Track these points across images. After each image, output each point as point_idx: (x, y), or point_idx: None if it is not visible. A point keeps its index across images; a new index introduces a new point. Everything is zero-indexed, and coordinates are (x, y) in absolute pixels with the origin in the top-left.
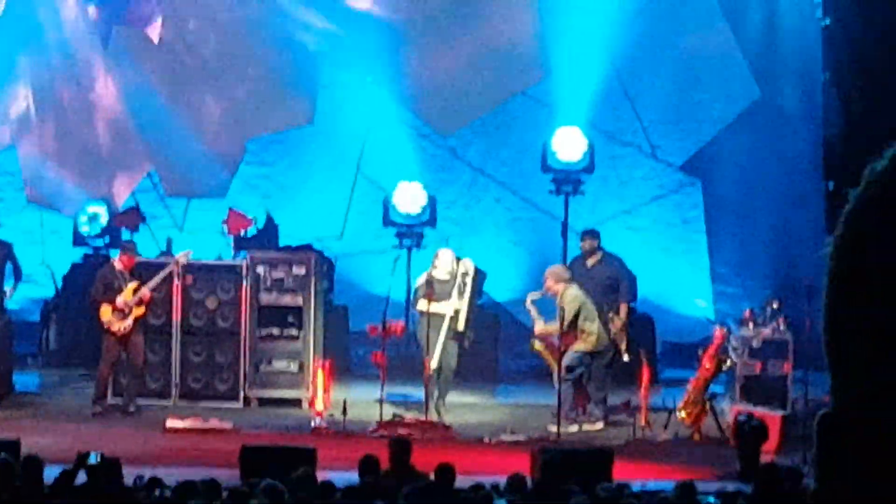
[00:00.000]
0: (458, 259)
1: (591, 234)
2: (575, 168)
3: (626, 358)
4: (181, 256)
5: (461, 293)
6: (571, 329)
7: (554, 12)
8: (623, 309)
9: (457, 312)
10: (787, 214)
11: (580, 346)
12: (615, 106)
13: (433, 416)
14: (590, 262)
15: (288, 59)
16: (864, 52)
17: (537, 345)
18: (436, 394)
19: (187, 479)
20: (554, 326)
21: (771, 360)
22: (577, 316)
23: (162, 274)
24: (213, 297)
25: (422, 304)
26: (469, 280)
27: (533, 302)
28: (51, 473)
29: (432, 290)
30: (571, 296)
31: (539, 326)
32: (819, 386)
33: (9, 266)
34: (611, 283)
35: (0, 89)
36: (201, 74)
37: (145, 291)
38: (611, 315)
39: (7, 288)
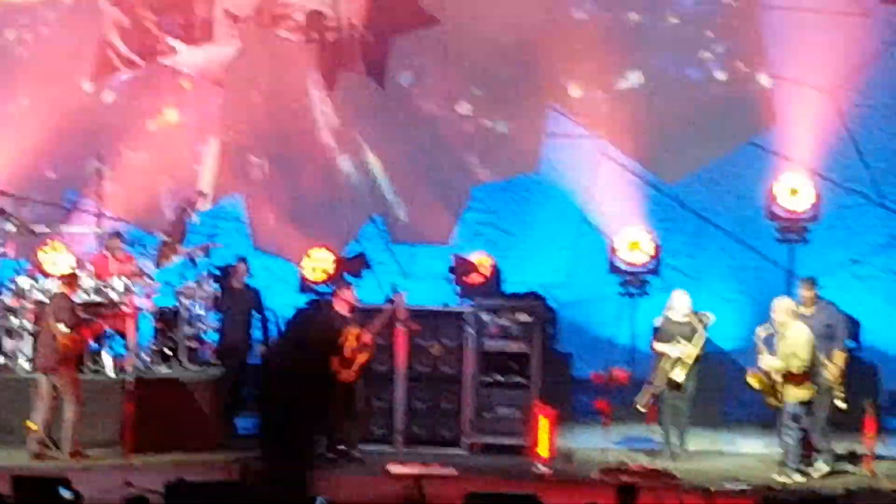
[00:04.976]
0: (698, 312)
1: (809, 281)
2: (801, 216)
3: (842, 406)
4: (396, 298)
5: (690, 341)
6: (803, 372)
7: (784, 61)
8: (840, 356)
9: (680, 359)
10: None
11: (801, 393)
12: (842, 154)
13: (661, 463)
14: (807, 310)
15: (514, 106)
16: None
17: (754, 380)
18: (671, 438)
19: None
20: (779, 363)
21: None
22: (811, 358)
23: (382, 317)
24: (437, 344)
25: (655, 345)
26: (702, 332)
27: (763, 337)
28: None
29: (660, 334)
30: (806, 335)
31: (765, 360)
32: None
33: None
34: (828, 332)
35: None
36: (426, 122)
37: (367, 337)
38: (824, 362)
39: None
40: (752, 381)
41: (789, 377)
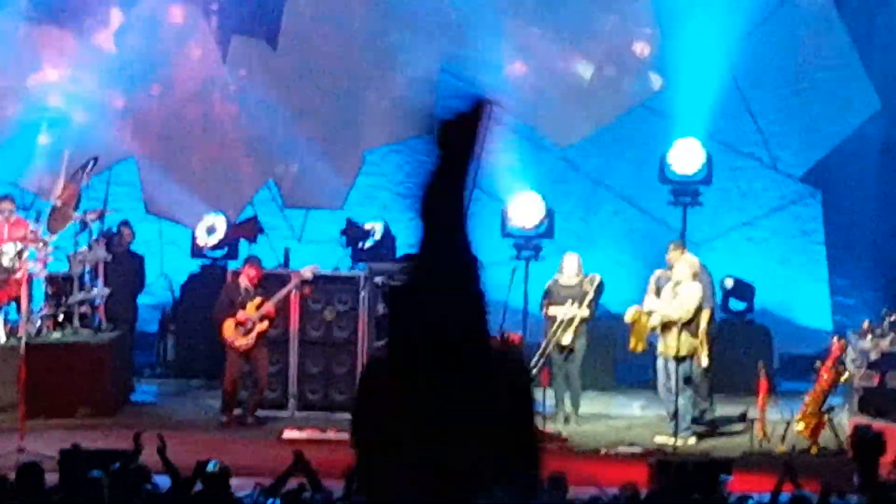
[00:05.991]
0: (587, 275)
1: (677, 243)
2: (693, 179)
3: (704, 363)
4: (307, 271)
5: (580, 304)
6: (684, 325)
7: (673, 23)
8: (704, 315)
9: (569, 321)
10: None
11: (681, 345)
12: (735, 117)
13: (554, 426)
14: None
15: (408, 69)
16: None
17: (631, 314)
18: (563, 401)
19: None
20: (665, 310)
21: (889, 371)
22: (695, 315)
23: (286, 289)
24: (330, 308)
25: (546, 309)
26: (591, 294)
27: (658, 279)
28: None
29: (550, 297)
30: (698, 299)
31: (651, 301)
32: None
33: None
34: None
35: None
36: (320, 84)
37: (270, 307)
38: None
39: None
40: (628, 315)
41: (668, 325)
